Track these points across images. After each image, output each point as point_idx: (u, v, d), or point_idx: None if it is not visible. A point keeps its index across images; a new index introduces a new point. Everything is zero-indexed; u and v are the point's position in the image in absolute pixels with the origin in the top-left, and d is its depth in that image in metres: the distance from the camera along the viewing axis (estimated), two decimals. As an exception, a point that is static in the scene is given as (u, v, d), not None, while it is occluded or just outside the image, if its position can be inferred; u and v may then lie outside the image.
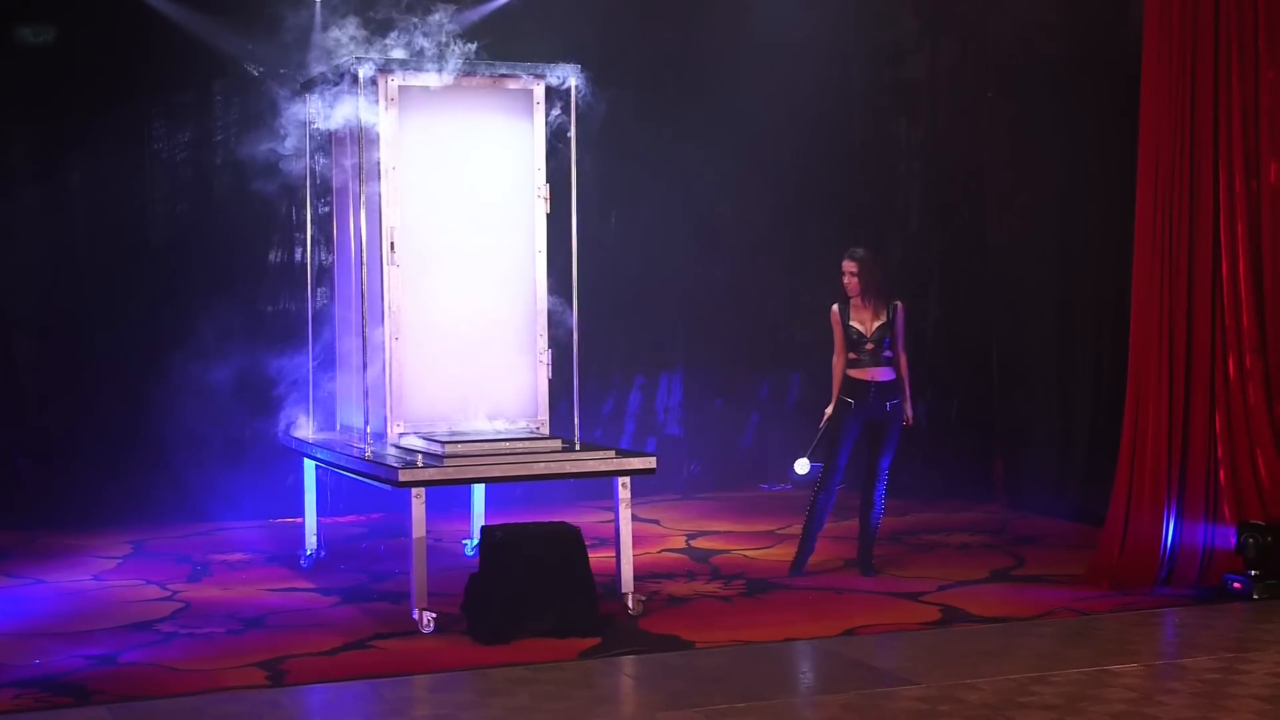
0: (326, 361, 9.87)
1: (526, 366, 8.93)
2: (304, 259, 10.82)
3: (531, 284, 8.92)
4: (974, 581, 9.13)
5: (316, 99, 9.32)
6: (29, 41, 11.24)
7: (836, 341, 9.32)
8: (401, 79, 8.66)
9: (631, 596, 8.34)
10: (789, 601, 8.70)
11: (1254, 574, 8.44)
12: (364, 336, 8.60)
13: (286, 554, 10.13)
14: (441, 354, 8.79)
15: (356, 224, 8.97)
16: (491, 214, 8.90)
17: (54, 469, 11.40)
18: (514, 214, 8.92)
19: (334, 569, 9.70)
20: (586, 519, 9.61)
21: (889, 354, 9.21)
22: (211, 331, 11.46)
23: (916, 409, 9.65)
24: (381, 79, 8.63)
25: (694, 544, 10.52)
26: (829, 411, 9.30)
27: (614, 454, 8.53)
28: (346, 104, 8.85)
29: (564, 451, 8.42)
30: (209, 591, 9.13)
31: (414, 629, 7.97)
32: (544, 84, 8.83)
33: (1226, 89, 8.80)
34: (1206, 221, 8.82)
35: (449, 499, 10.14)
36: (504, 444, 8.35)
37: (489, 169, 8.91)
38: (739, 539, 10.67)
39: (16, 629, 8.20)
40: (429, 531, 8.19)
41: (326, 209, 10.17)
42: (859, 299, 9.26)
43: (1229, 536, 8.63)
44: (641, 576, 8.95)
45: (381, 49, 8.74)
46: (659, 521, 11.39)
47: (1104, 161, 10.74)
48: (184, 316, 11.54)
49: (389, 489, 8.18)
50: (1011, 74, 11.88)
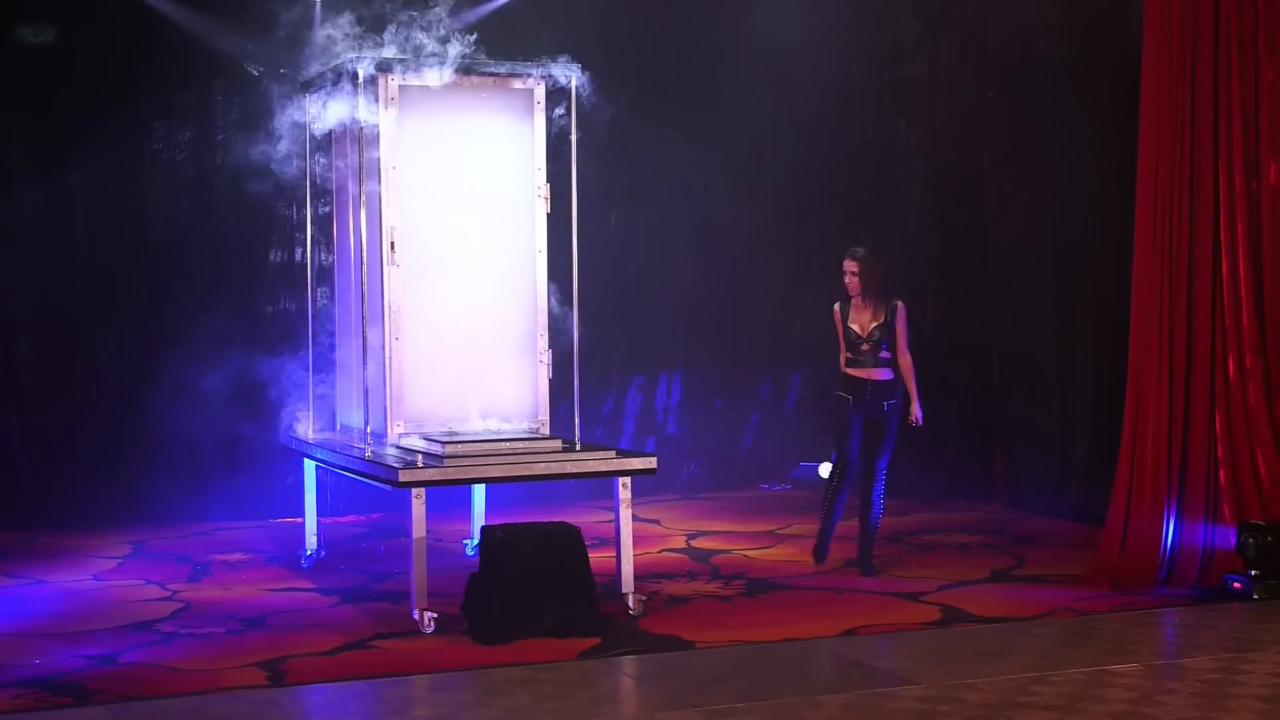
0: (326, 361, 9.87)
1: (527, 366, 8.93)
2: (304, 259, 10.81)
3: (532, 284, 8.92)
4: (974, 581, 9.13)
5: (316, 99, 9.32)
6: (29, 41, 11.24)
7: (841, 341, 9.35)
8: (401, 78, 8.66)
9: (632, 596, 8.34)
10: (789, 601, 8.70)
11: (1254, 574, 8.44)
12: (364, 336, 8.60)
13: (286, 554, 10.13)
14: (441, 354, 8.79)
15: (356, 224, 8.97)
16: (492, 214, 8.90)
17: (54, 469, 11.40)
18: (514, 214, 8.92)
19: (334, 569, 9.70)
20: (586, 519, 9.61)
21: (886, 354, 9.21)
22: (211, 331, 11.47)
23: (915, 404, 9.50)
24: (381, 78, 8.63)
25: (694, 544, 10.52)
26: None
27: (614, 454, 8.53)
28: (346, 104, 8.85)
29: (564, 451, 8.42)
30: (209, 591, 9.13)
31: (414, 629, 7.97)
32: (544, 84, 8.83)
33: (1226, 89, 8.80)
34: (1206, 221, 8.82)
35: (449, 499, 10.13)
36: (504, 444, 8.35)
37: (489, 169, 8.91)
38: (739, 539, 10.67)
39: (16, 629, 8.20)
40: (429, 531, 8.19)
41: (326, 209, 10.17)
42: (859, 298, 9.26)
43: (1229, 536, 8.63)
44: (641, 576, 8.95)
45: (381, 49, 8.74)
46: (659, 521, 11.40)
47: (1104, 161, 10.74)
48: (184, 316, 11.55)
49: (389, 489, 8.18)
50: (1011, 74, 11.88)
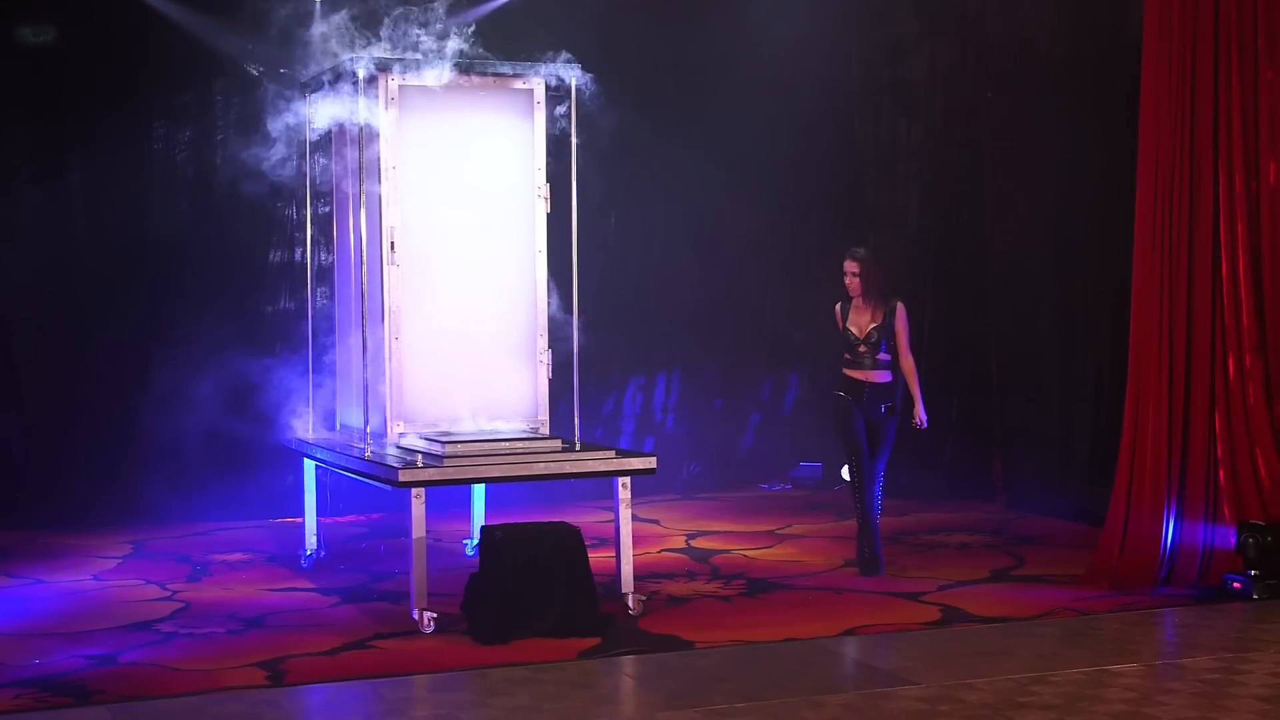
0: (326, 361, 9.88)
1: (526, 366, 8.93)
2: (304, 259, 10.82)
3: (532, 284, 8.92)
4: (974, 581, 9.13)
5: (316, 99, 9.32)
6: (29, 41, 11.24)
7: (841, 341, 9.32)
8: (401, 78, 8.66)
9: (631, 596, 8.34)
10: (789, 601, 8.70)
11: (1254, 574, 8.44)
12: (364, 336, 8.60)
13: (286, 554, 10.13)
14: (441, 354, 8.79)
15: (356, 224, 8.97)
16: (492, 214, 8.90)
17: (54, 469, 11.40)
18: (514, 214, 8.92)
19: (334, 569, 9.70)
20: (586, 519, 9.62)
21: (885, 357, 9.15)
22: (211, 331, 11.47)
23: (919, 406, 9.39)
24: (381, 78, 8.63)
25: (694, 544, 10.52)
26: None
27: (614, 454, 8.53)
28: (346, 104, 8.85)
29: (564, 451, 8.41)
30: (209, 591, 9.13)
31: (414, 629, 7.97)
32: (544, 83, 8.83)
33: (1226, 89, 8.80)
34: (1206, 221, 8.82)
35: (449, 499, 10.14)
36: (504, 444, 8.35)
37: (489, 168, 8.91)
38: (739, 539, 10.67)
39: (16, 629, 8.20)
40: (429, 531, 8.19)
41: (326, 209, 10.18)
42: (859, 299, 9.22)
43: (1229, 536, 8.63)
44: (641, 576, 8.95)
45: (381, 48, 8.74)
46: (659, 521, 11.39)
47: (1104, 161, 10.74)
48: (184, 316, 11.56)
49: (389, 489, 8.18)
50: (1011, 74, 11.88)
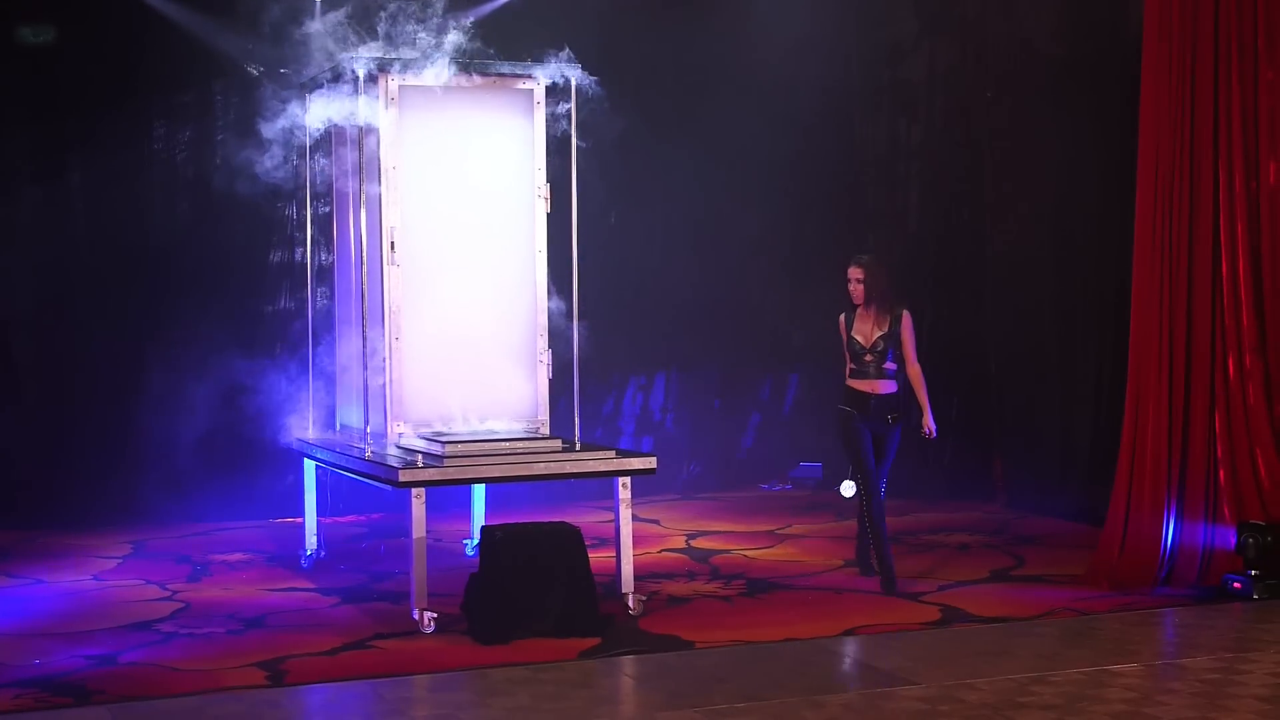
0: (326, 361, 9.87)
1: (526, 366, 8.93)
2: (304, 259, 10.82)
3: (532, 284, 8.92)
4: (974, 581, 9.13)
5: (316, 99, 9.32)
6: (29, 41, 11.24)
7: (846, 352, 9.10)
8: (401, 78, 8.66)
9: (632, 596, 8.34)
10: (789, 601, 8.70)
11: (1254, 574, 8.44)
12: (364, 336, 8.60)
13: (286, 554, 10.13)
14: (442, 354, 8.79)
15: (356, 224, 8.97)
16: (492, 214, 8.90)
17: (54, 469, 11.40)
18: (514, 214, 8.92)
19: (334, 569, 9.70)
20: (586, 519, 9.62)
21: (891, 366, 8.93)
22: (211, 331, 11.48)
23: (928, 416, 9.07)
24: (382, 78, 8.64)
25: (694, 544, 10.52)
26: None
27: (614, 454, 8.53)
28: (346, 104, 8.85)
29: (564, 451, 8.41)
30: (209, 591, 9.13)
31: (414, 629, 7.97)
32: (544, 83, 8.83)
33: (1226, 89, 8.80)
34: (1206, 221, 8.82)
35: (449, 499, 10.15)
36: (504, 444, 8.34)
37: (489, 168, 8.91)
38: (739, 539, 10.67)
39: (16, 629, 8.20)
40: (429, 531, 8.19)
41: (326, 209, 10.17)
42: (863, 307, 8.99)
43: (1229, 536, 8.63)
44: (641, 576, 8.95)
45: (382, 48, 8.74)
46: (659, 521, 11.40)
47: (1104, 161, 10.74)
48: (184, 316, 11.56)
49: (389, 489, 8.18)
50: (1011, 74, 11.88)
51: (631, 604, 8.32)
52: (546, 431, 8.82)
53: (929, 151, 12.86)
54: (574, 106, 8.62)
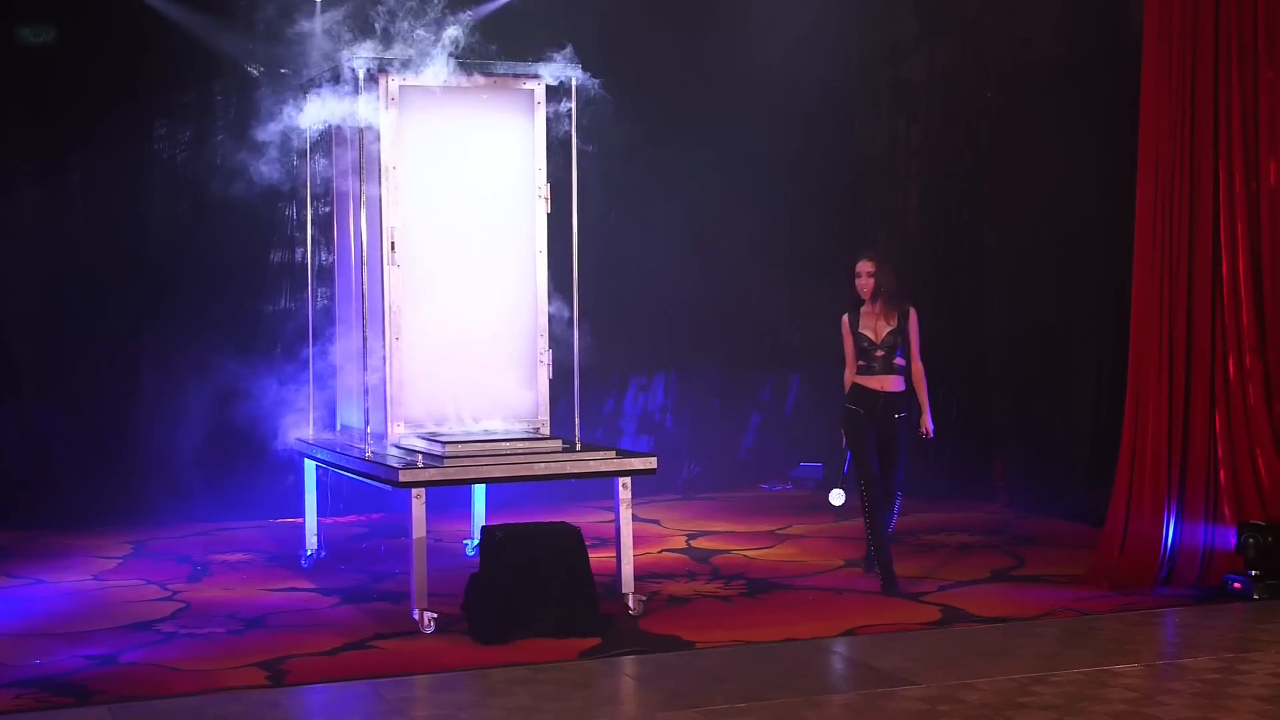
0: (326, 361, 9.87)
1: (527, 366, 8.93)
2: (304, 259, 10.82)
3: (532, 284, 8.92)
4: (974, 581, 9.13)
5: (316, 99, 9.32)
6: (29, 41, 11.24)
7: (847, 354, 8.95)
8: (402, 78, 8.66)
9: (632, 596, 8.34)
10: (789, 601, 8.70)
11: (1254, 574, 8.45)
12: (364, 336, 8.60)
13: (286, 554, 10.13)
14: (442, 354, 8.79)
15: (357, 224, 8.97)
16: (492, 214, 8.90)
17: (54, 469, 11.40)
18: (515, 214, 8.92)
19: (334, 569, 9.70)
20: (586, 519, 9.61)
21: (900, 362, 8.86)
22: (211, 331, 11.48)
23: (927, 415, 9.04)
24: (382, 78, 8.64)
25: (694, 544, 10.52)
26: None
27: (614, 454, 8.53)
28: (347, 104, 8.85)
29: (564, 451, 8.41)
30: (209, 591, 9.13)
31: (414, 629, 7.96)
32: (544, 83, 8.83)
33: (1226, 89, 8.80)
34: (1206, 221, 8.82)
35: (449, 499, 10.15)
36: (504, 444, 8.35)
37: (489, 168, 8.91)
38: (739, 539, 10.67)
39: (16, 629, 8.20)
40: (429, 531, 8.19)
41: (327, 209, 10.17)
42: (871, 303, 8.88)
43: (1229, 536, 8.63)
44: (642, 576, 8.95)
45: (382, 49, 8.74)
46: (659, 521, 11.40)
47: (1104, 161, 10.74)
48: (184, 315, 11.56)
49: (389, 489, 8.18)
50: (1011, 74, 11.88)
51: (632, 604, 8.31)
52: (547, 431, 8.82)
53: (929, 151, 12.86)
54: (574, 106, 8.61)
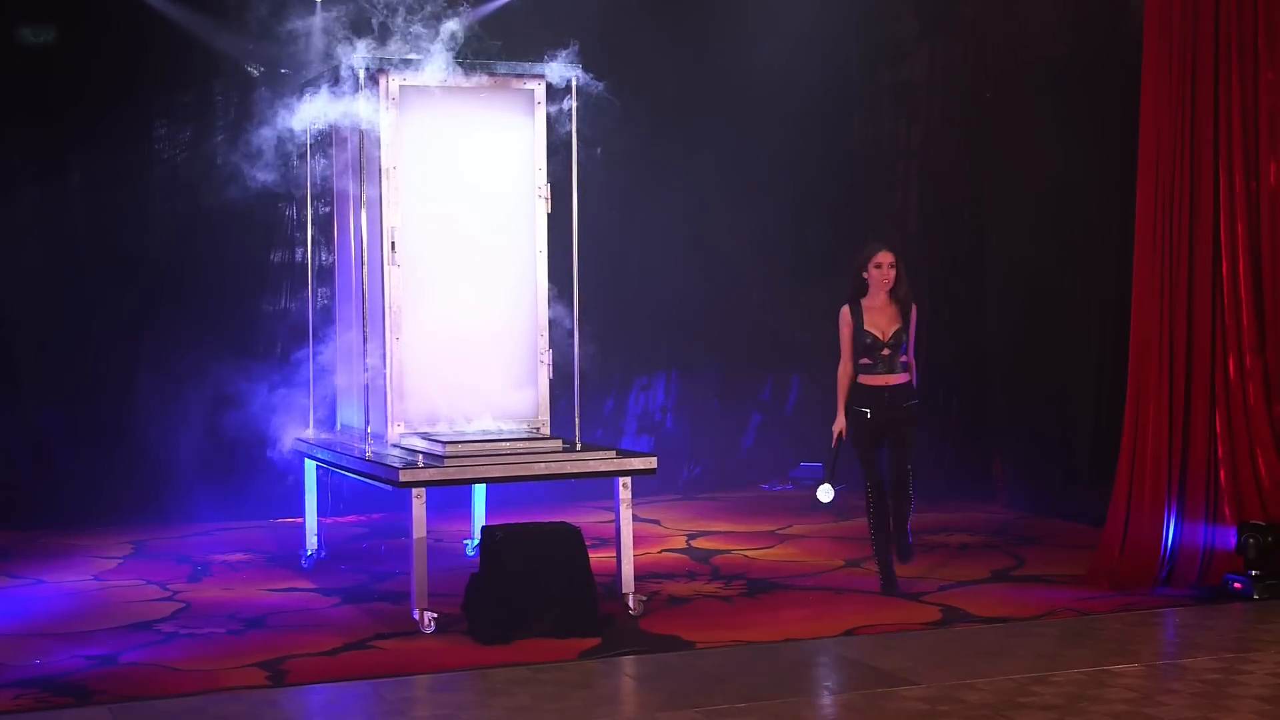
0: (327, 361, 9.87)
1: (527, 366, 8.93)
2: (304, 259, 10.82)
3: (532, 284, 8.92)
4: (974, 581, 9.13)
5: (317, 99, 9.32)
6: (29, 41, 11.24)
7: (844, 347, 8.64)
8: (402, 78, 8.66)
9: (632, 596, 8.34)
10: (789, 601, 8.69)
11: (1254, 574, 8.44)
12: (364, 336, 8.60)
13: (287, 554, 10.13)
14: (442, 354, 8.78)
15: (357, 224, 8.97)
16: (492, 214, 8.90)
17: (54, 469, 11.40)
18: (515, 214, 8.92)
19: (334, 569, 9.70)
20: (586, 519, 9.61)
21: (905, 359, 8.67)
22: (211, 331, 11.48)
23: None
24: (382, 78, 8.64)
25: (694, 544, 10.52)
26: (838, 430, 8.70)
27: (614, 454, 8.53)
28: (346, 104, 8.85)
29: (565, 451, 8.41)
30: (209, 591, 9.13)
31: (414, 629, 7.97)
32: (544, 83, 8.83)
33: (1226, 89, 8.80)
34: (1206, 221, 8.82)
35: (449, 499, 10.14)
36: (505, 444, 8.34)
37: (490, 168, 8.90)
38: (739, 539, 10.67)
39: (16, 629, 8.20)
40: (429, 531, 8.18)
41: (327, 209, 10.17)
42: (885, 297, 8.61)
43: (1229, 536, 8.63)
44: (642, 576, 8.95)
45: (382, 48, 8.74)
46: (659, 521, 11.40)
47: (1104, 161, 10.74)
48: (183, 315, 11.56)
49: (389, 489, 8.18)
50: (1011, 74, 11.88)
51: (632, 604, 8.31)
52: (547, 431, 8.82)
53: (929, 151, 12.86)
54: (574, 107, 8.61)
